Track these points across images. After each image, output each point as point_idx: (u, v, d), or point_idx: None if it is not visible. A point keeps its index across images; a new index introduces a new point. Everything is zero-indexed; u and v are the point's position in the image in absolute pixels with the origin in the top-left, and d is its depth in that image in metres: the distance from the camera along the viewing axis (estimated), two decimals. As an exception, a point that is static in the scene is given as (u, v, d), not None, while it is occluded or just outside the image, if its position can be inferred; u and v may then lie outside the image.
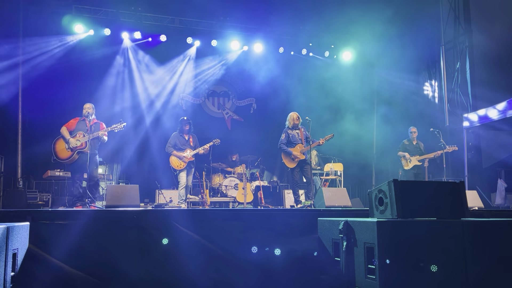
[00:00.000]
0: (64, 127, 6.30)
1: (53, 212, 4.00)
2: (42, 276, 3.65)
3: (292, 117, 6.87)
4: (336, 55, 10.89)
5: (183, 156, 7.08)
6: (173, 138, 7.30)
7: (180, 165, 7.11)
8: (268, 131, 10.30)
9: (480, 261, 3.13)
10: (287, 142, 6.81)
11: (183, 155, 7.09)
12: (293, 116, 6.88)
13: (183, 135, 7.29)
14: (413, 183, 3.69)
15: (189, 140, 7.29)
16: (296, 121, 6.82)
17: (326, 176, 9.22)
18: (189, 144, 7.25)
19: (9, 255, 3.01)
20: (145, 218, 4.08)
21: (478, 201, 6.39)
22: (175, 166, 7.15)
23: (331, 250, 3.64)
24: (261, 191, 8.47)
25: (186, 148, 7.17)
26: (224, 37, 10.03)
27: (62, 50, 8.88)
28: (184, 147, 7.18)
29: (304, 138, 6.73)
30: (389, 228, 3.03)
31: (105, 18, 9.18)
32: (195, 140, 7.38)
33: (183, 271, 3.96)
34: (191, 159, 7.16)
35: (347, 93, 10.74)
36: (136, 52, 9.71)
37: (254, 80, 10.47)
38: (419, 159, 8.05)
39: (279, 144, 6.85)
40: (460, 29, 10.28)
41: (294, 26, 10.30)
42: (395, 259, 2.96)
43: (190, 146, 7.24)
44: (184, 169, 7.14)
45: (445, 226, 3.16)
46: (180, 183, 7.15)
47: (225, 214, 4.36)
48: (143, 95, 9.78)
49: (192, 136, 7.37)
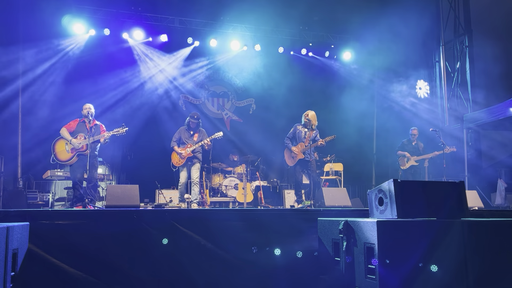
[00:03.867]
0: (64, 128, 6.28)
1: (53, 212, 4.00)
2: (42, 276, 3.65)
3: (305, 114, 6.78)
4: (336, 55, 10.89)
5: (180, 152, 6.93)
6: (178, 133, 7.16)
7: (179, 161, 6.97)
8: (267, 131, 10.29)
9: (480, 261, 3.13)
10: (292, 138, 6.85)
11: (181, 152, 6.95)
12: (306, 113, 6.77)
13: (189, 131, 7.14)
14: (413, 183, 3.69)
15: (194, 135, 7.12)
16: (305, 118, 6.76)
17: (326, 176, 9.22)
18: (193, 140, 7.08)
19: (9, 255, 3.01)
20: (145, 218, 4.08)
21: (478, 201, 6.38)
22: (174, 162, 7.04)
23: (331, 250, 3.64)
24: (261, 191, 8.47)
25: (188, 143, 7.02)
26: (224, 37, 10.03)
27: (62, 51, 8.88)
28: (187, 142, 7.04)
29: (310, 139, 6.70)
30: (389, 228, 3.03)
31: (105, 18, 9.17)
32: (201, 136, 7.15)
33: (183, 271, 3.96)
34: (190, 155, 6.96)
35: (347, 93, 10.75)
36: (136, 52, 9.71)
37: (254, 81, 10.46)
38: (416, 159, 8.06)
39: (285, 138, 6.91)
40: (460, 29, 10.28)
41: (294, 26, 10.29)
42: (395, 259, 2.96)
43: (194, 142, 7.06)
44: (184, 166, 7.00)
45: (445, 226, 3.16)
46: (179, 181, 7.05)
47: (225, 214, 4.36)
48: (143, 95, 9.78)
49: (199, 132, 7.17)
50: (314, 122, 6.74)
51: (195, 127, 7.15)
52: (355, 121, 10.45)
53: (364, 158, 10.75)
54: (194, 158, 7.03)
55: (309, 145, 6.61)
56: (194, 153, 7.02)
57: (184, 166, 7.03)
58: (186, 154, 6.95)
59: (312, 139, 6.70)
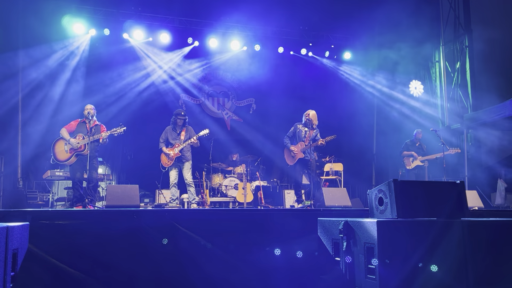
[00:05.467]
0: (64, 128, 6.29)
1: (53, 212, 4.00)
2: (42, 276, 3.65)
3: (306, 114, 6.80)
4: (336, 55, 10.89)
5: (168, 153, 6.77)
6: (165, 133, 6.99)
7: (168, 162, 6.80)
8: (267, 131, 10.29)
9: (480, 261, 3.12)
10: (292, 137, 6.85)
11: (169, 152, 6.78)
12: (307, 112, 6.80)
13: (175, 130, 6.95)
14: (413, 183, 3.69)
15: (181, 134, 6.91)
16: (306, 117, 6.77)
17: (326, 176, 9.22)
18: (180, 139, 6.87)
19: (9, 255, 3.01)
20: (145, 218, 4.08)
21: (478, 201, 6.39)
22: (163, 163, 6.88)
23: (331, 250, 3.64)
24: (261, 191, 8.47)
25: (176, 143, 6.83)
26: (224, 37, 10.03)
27: (62, 51, 8.88)
28: (174, 142, 6.85)
29: (310, 139, 6.71)
30: (389, 228, 3.03)
31: (105, 18, 9.17)
32: (188, 134, 6.93)
33: (183, 271, 3.96)
34: (178, 155, 6.77)
35: (347, 93, 10.75)
36: (136, 52, 9.70)
37: (254, 81, 10.45)
38: (422, 159, 8.11)
39: (284, 137, 6.90)
40: (460, 29, 10.28)
41: (294, 26, 10.29)
42: (395, 259, 2.95)
43: (181, 141, 6.85)
44: (173, 166, 6.83)
45: (445, 226, 3.16)
46: (170, 182, 6.86)
47: (225, 214, 4.36)
48: (143, 94, 9.77)
49: (185, 129, 6.97)
50: (314, 121, 6.75)
51: (182, 124, 6.95)
52: (355, 121, 10.45)
53: (364, 158, 10.75)
54: (182, 157, 6.84)
55: (309, 144, 6.61)
56: (182, 152, 6.82)
57: (174, 166, 6.86)
58: (174, 155, 6.77)
59: (312, 139, 6.71)
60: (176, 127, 6.95)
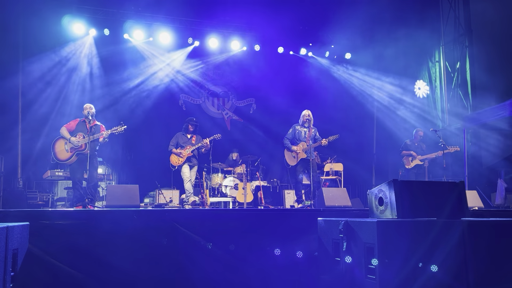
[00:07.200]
0: (64, 127, 6.30)
1: (53, 212, 4.00)
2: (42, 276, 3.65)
3: (303, 114, 6.93)
4: (336, 55, 10.88)
5: (180, 152, 7.17)
6: (176, 138, 7.46)
7: (178, 160, 7.20)
8: (268, 131, 10.29)
9: (480, 261, 3.12)
10: (292, 138, 6.89)
11: (181, 151, 7.20)
12: (304, 113, 6.93)
13: (186, 135, 7.44)
14: (413, 183, 3.68)
15: (191, 139, 7.42)
16: (304, 118, 6.86)
17: (326, 176, 9.22)
18: (191, 143, 7.38)
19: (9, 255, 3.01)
20: (145, 218, 4.08)
21: (478, 201, 6.38)
22: (173, 162, 7.28)
23: (331, 250, 3.64)
24: (261, 191, 8.47)
25: (187, 146, 7.30)
26: (224, 37, 10.03)
27: (62, 51, 8.87)
28: (185, 145, 7.33)
29: (310, 138, 6.74)
30: (389, 228, 3.02)
31: (105, 18, 9.17)
32: (198, 140, 7.47)
33: (183, 271, 3.96)
34: (190, 154, 7.22)
35: (347, 93, 10.75)
36: (136, 52, 9.69)
37: (254, 81, 10.46)
38: (421, 158, 8.11)
39: (284, 139, 6.93)
40: (460, 29, 10.28)
41: (294, 26, 10.29)
42: (395, 259, 2.95)
43: (192, 144, 7.36)
44: (185, 163, 7.22)
45: (445, 226, 3.15)
46: (184, 178, 7.23)
47: (225, 214, 4.36)
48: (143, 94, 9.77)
49: (196, 136, 7.49)
50: (303, 118, 6.90)
51: (194, 130, 7.42)
52: (355, 121, 10.45)
53: (364, 158, 10.75)
54: (193, 157, 7.26)
55: (311, 144, 6.64)
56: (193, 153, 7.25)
57: (185, 163, 7.23)
58: (186, 154, 7.16)
59: (312, 138, 6.74)
60: (188, 132, 7.44)
